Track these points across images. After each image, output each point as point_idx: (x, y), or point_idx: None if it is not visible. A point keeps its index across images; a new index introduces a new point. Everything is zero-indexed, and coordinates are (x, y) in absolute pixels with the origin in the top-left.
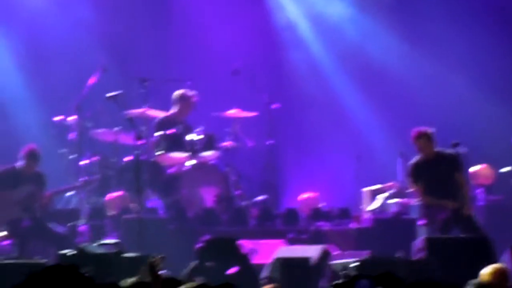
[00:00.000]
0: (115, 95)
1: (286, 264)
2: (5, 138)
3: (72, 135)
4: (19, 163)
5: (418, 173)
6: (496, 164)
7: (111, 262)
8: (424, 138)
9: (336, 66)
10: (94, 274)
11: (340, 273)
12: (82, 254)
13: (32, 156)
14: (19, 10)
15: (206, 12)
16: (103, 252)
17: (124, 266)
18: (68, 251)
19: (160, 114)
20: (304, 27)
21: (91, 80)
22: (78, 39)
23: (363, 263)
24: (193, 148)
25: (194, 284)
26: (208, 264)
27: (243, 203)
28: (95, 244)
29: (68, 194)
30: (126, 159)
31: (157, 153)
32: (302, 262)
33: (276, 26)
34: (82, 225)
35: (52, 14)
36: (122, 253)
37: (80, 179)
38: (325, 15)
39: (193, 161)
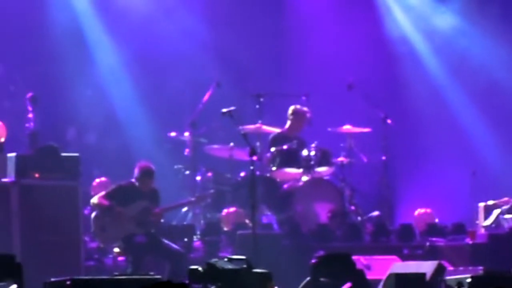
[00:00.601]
0: (230, 111)
1: (400, 280)
2: (120, 153)
3: (186, 151)
4: (135, 179)
5: None
6: None
7: (239, 278)
8: None
9: (450, 80)
10: None
11: None
12: (212, 270)
13: (147, 174)
14: (135, 27)
15: (320, 27)
16: (232, 268)
17: (252, 282)
18: (197, 267)
19: (274, 129)
20: (416, 39)
21: (206, 96)
22: (193, 55)
23: (478, 279)
24: (308, 164)
25: None
26: (322, 280)
27: (358, 219)
28: (224, 260)
29: (183, 209)
30: (240, 174)
31: (271, 169)
32: (417, 277)
33: (389, 39)
34: (196, 241)
35: (168, 31)
36: (251, 269)
37: (195, 195)
38: (436, 27)
39: (308, 177)
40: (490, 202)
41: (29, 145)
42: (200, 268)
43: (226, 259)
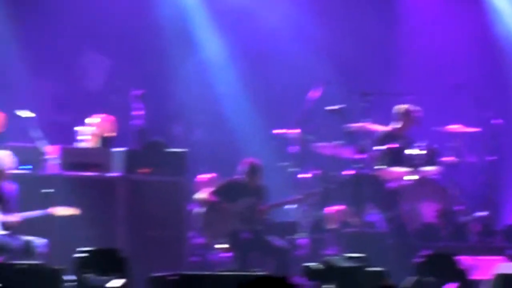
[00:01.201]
0: (337, 109)
1: (506, 280)
2: (227, 150)
3: (293, 148)
4: (242, 176)
5: None
6: None
7: (356, 276)
8: None
9: None
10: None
11: None
12: (328, 267)
13: (254, 170)
14: (243, 24)
15: (428, 27)
16: (349, 266)
17: (369, 280)
18: (313, 264)
19: (381, 128)
20: None
21: (314, 94)
22: (302, 52)
23: None
24: (414, 163)
25: None
26: (426, 279)
27: (464, 219)
28: (340, 257)
29: (289, 207)
30: (346, 173)
31: (378, 168)
32: None
33: (497, 38)
34: (302, 238)
35: (277, 27)
36: (367, 267)
37: (301, 192)
38: None
39: (414, 176)
40: None
41: (137, 142)
42: (316, 265)
43: (342, 257)
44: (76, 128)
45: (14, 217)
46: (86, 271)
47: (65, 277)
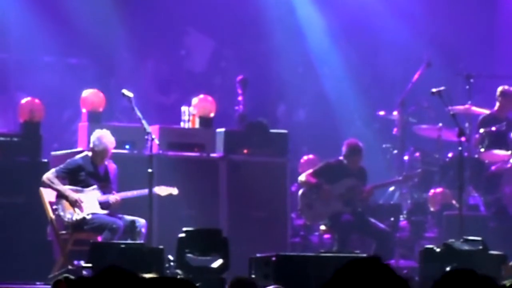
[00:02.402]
0: (440, 91)
1: None
2: (329, 131)
3: (395, 130)
4: (343, 157)
5: None
6: None
7: (475, 259)
8: None
9: None
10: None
11: None
12: (449, 250)
13: (355, 151)
14: (346, 5)
15: None
16: (469, 249)
17: (488, 264)
18: (433, 246)
19: (484, 111)
20: None
21: (416, 76)
22: (405, 34)
23: None
24: None
25: None
26: None
27: None
28: (460, 241)
29: (390, 189)
30: (448, 155)
31: (480, 150)
32: None
33: None
34: (403, 220)
35: (378, 10)
36: (487, 251)
37: (402, 174)
38: None
39: None
40: None
41: (239, 124)
42: (436, 248)
43: (462, 240)
44: (180, 108)
45: (115, 197)
46: (188, 251)
47: (167, 257)
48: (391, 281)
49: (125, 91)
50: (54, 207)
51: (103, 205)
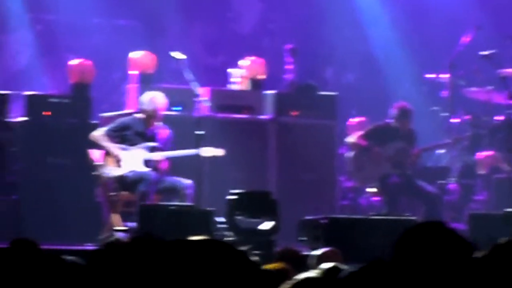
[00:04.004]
0: (489, 54)
1: None
2: (377, 93)
3: (444, 93)
4: (392, 120)
5: None
6: None
7: None
8: None
9: None
10: None
11: None
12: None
13: (405, 114)
14: None
15: None
16: None
17: None
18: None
19: None
20: None
21: (465, 38)
22: None
23: None
24: None
25: None
26: None
27: None
28: None
29: (439, 151)
30: (497, 118)
31: None
32: None
33: None
34: (451, 184)
35: None
36: None
37: (451, 137)
38: None
39: None
40: None
41: (288, 88)
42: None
43: None
44: (227, 70)
45: (159, 155)
46: (237, 213)
47: (216, 219)
48: (457, 245)
49: (175, 53)
50: (98, 163)
51: (148, 164)
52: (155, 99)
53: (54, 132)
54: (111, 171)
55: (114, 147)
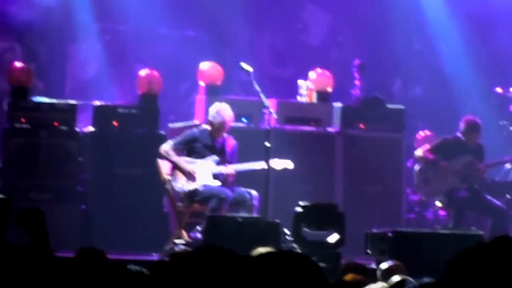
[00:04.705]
0: None
1: None
2: (445, 107)
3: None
4: (460, 134)
5: None
6: None
7: None
8: None
9: None
10: None
11: None
12: None
13: (473, 128)
14: None
15: None
16: None
17: None
18: None
19: None
20: None
21: None
22: None
23: None
24: None
25: None
26: None
27: None
28: None
29: (507, 165)
30: None
31: None
32: None
33: None
34: None
35: None
36: None
37: None
38: None
39: None
40: None
41: (355, 101)
42: None
43: None
44: (294, 82)
45: (229, 169)
46: (304, 225)
47: (283, 231)
48: None
49: (243, 65)
50: (169, 178)
51: (217, 177)
52: (222, 111)
53: (122, 142)
54: (183, 185)
55: (183, 161)
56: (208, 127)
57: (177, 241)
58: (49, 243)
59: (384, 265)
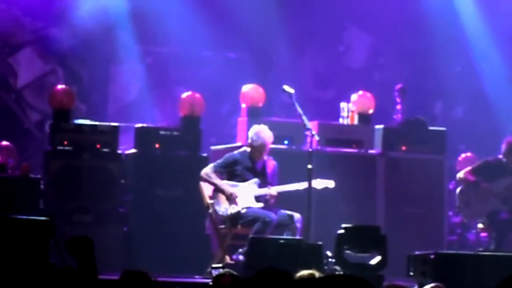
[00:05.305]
0: None
1: None
2: (487, 129)
3: None
4: (502, 155)
5: None
6: None
7: None
8: None
9: None
10: None
11: None
12: None
13: None
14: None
15: None
16: None
17: None
18: None
19: None
20: None
21: None
22: None
23: None
24: None
25: None
26: None
27: None
28: None
29: None
30: None
31: None
32: None
33: None
34: None
35: None
36: None
37: None
38: None
39: None
40: None
41: (397, 123)
42: None
43: None
44: (336, 104)
45: (271, 191)
46: (346, 247)
47: (325, 253)
48: None
49: (286, 87)
50: (211, 201)
51: (259, 199)
52: (262, 133)
53: (163, 164)
54: (227, 209)
55: (225, 184)
56: (248, 149)
57: (215, 265)
58: (96, 270)
59: (427, 287)
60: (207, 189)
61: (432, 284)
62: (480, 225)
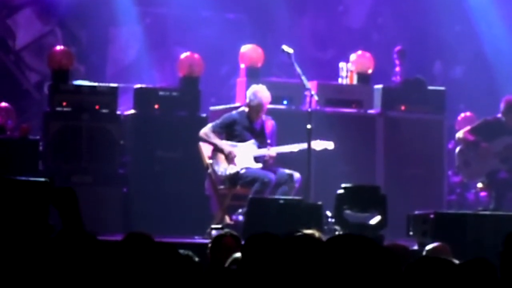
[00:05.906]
0: None
1: None
2: (486, 88)
3: None
4: (501, 115)
5: None
6: None
7: None
8: None
9: None
10: None
11: None
12: None
13: None
14: None
15: None
16: None
17: None
18: None
19: None
20: None
21: None
22: None
23: None
24: None
25: None
26: None
27: None
28: None
29: None
30: None
31: None
32: None
33: None
34: None
35: None
36: None
37: None
38: None
39: None
40: None
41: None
42: None
43: None
44: (336, 64)
45: (270, 151)
46: (346, 207)
47: (325, 213)
48: None
49: (285, 47)
50: (210, 161)
51: (258, 159)
52: (259, 92)
53: (162, 125)
54: (226, 169)
55: (224, 144)
56: (246, 109)
57: (214, 225)
58: (82, 224)
59: (430, 246)
60: (206, 150)
61: (436, 243)
62: (479, 185)
